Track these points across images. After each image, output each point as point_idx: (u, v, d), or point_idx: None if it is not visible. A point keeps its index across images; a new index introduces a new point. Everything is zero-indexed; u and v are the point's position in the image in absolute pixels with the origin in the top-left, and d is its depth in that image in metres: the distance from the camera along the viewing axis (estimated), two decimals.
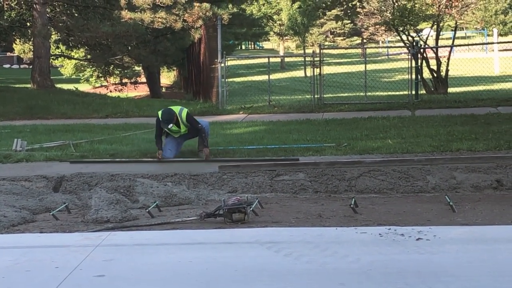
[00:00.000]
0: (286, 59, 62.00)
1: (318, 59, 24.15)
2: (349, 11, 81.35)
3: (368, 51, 56.57)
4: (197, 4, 28.11)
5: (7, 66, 72.43)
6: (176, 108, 13.83)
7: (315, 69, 24.17)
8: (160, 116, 13.50)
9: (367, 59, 29.69)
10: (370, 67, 32.82)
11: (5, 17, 34.05)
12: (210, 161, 13.17)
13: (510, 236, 7.59)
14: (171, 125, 13.38)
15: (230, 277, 5.97)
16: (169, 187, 11.15)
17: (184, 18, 28.03)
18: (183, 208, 10.29)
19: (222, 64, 24.45)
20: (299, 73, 47.58)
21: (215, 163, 12.50)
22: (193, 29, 29.16)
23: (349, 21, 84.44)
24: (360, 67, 28.61)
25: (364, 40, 74.82)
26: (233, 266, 6.26)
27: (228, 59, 25.87)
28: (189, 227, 8.65)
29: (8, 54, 73.11)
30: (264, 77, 29.43)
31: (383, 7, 28.94)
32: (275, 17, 70.91)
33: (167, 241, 7.47)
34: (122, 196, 10.44)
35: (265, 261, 6.47)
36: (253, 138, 15.93)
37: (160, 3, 27.21)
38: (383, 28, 31.63)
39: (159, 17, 27.57)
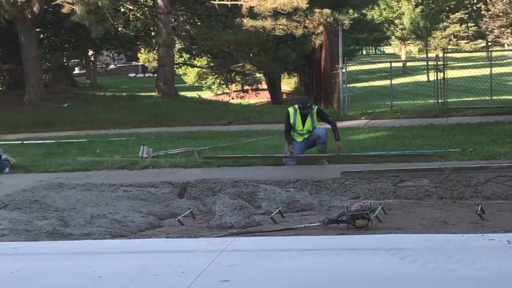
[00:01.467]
0: (408, 64, 61.17)
1: (441, 63, 23.80)
2: (473, 14, 79.82)
3: (493, 54, 55.24)
4: (318, 10, 28.11)
5: (132, 75, 74.19)
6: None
7: (438, 73, 23.82)
8: (298, 102, 14.29)
9: (492, 62, 28.99)
10: (496, 70, 32.05)
11: (131, 27, 34.91)
12: (333, 159, 13.32)
13: None
14: (311, 105, 14.04)
15: (354, 284, 5.93)
16: (291, 193, 11.18)
17: (305, 25, 28.09)
18: (305, 214, 10.29)
19: (343, 70, 24.39)
20: (422, 78, 46.82)
21: (337, 167, 12.45)
22: (313, 35, 29.17)
23: (473, 24, 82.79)
24: (485, 71, 27.99)
25: (489, 43, 73.16)
26: (357, 273, 6.22)
27: (349, 64, 25.78)
28: (312, 233, 8.64)
29: (134, 63, 74.89)
30: (386, 82, 29.18)
31: (508, 9, 28.24)
32: (396, 21, 70.13)
33: (290, 247, 7.48)
34: (245, 202, 10.53)
35: (389, 267, 6.40)
36: (376, 143, 15.81)
37: (281, 10, 27.32)
38: (508, 30, 30.88)
39: (280, 24, 27.72)
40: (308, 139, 14.15)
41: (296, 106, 14.16)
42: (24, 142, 19.91)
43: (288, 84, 58.70)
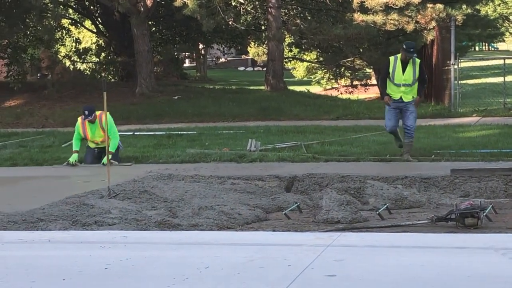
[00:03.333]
0: None
1: None
2: None
3: None
4: (430, 5, 27.67)
5: (241, 68, 74.68)
6: None
7: None
8: (403, 45, 13.86)
9: None
10: None
11: (241, 21, 35.16)
12: (438, 160, 13.05)
13: None
14: (412, 50, 13.55)
15: (463, 283, 5.83)
16: (399, 190, 11.06)
17: (417, 20, 27.69)
18: (413, 211, 10.18)
19: (455, 66, 24.01)
20: None
21: (447, 165, 12.26)
22: (425, 31, 28.74)
23: None
24: None
25: None
26: (466, 272, 6.11)
27: (461, 60, 25.36)
28: (420, 230, 8.53)
29: (243, 57, 75.43)
30: (499, 79, 28.54)
31: None
32: (511, 17, 68.50)
33: (397, 244, 7.40)
34: (352, 197, 10.48)
35: (499, 267, 6.26)
36: (487, 141, 15.50)
37: (393, 5, 27.03)
38: None
39: (391, 19, 27.40)
40: (400, 108, 13.79)
41: (398, 55, 13.80)
42: (136, 133, 20.33)
43: None
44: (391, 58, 13.74)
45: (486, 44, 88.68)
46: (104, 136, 14.76)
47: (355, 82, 47.23)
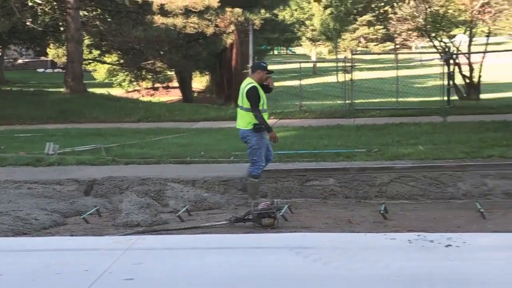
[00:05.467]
0: (318, 65, 61.78)
1: (349, 64, 24.11)
2: (381, 17, 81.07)
3: (401, 57, 56.11)
4: (229, 9, 28.14)
5: (41, 70, 72.81)
6: None
7: (346, 74, 24.13)
8: (259, 63, 12.45)
9: (399, 64, 29.54)
10: (402, 72, 32.65)
11: (39, 21, 34.30)
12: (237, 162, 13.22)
13: None
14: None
15: (259, 282, 5.96)
16: (199, 191, 11.17)
17: (216, 23, 28.07)
18: (213, 212, 10.30)
19: None
20: (331, 79, 47.37)
21: (245, 166, 12.49)
22: (225, 34, 29.21)
23: (382, 27, 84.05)
24: (393, 73, 28.46)
25: (397, 46, 74.40)
26: (262, 271, 6.25)
27: None
28: (219, 231, 8.66)
29: (42, 58, 73.60)
30: (296, 82, 29.42)
31: (415, 13, 28.85)
32: (307, 22, 70.75)
33: (196, 245, 7.48)
34: (153, 200, 10.48)
35: (293, 265, 6.46)
36: (284, 143, 15.88)
37: (192, 8, 27.24)
38: (415, 33, 31.52)
39: (191, 22, 27.62)
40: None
41: (253, 81, 11.43)
42: None
43: (200, 82, 58.50)
44: (256, 85, 11.30)
45: (284, 48, 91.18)
46: None
47: (157, 85, 47.20)
